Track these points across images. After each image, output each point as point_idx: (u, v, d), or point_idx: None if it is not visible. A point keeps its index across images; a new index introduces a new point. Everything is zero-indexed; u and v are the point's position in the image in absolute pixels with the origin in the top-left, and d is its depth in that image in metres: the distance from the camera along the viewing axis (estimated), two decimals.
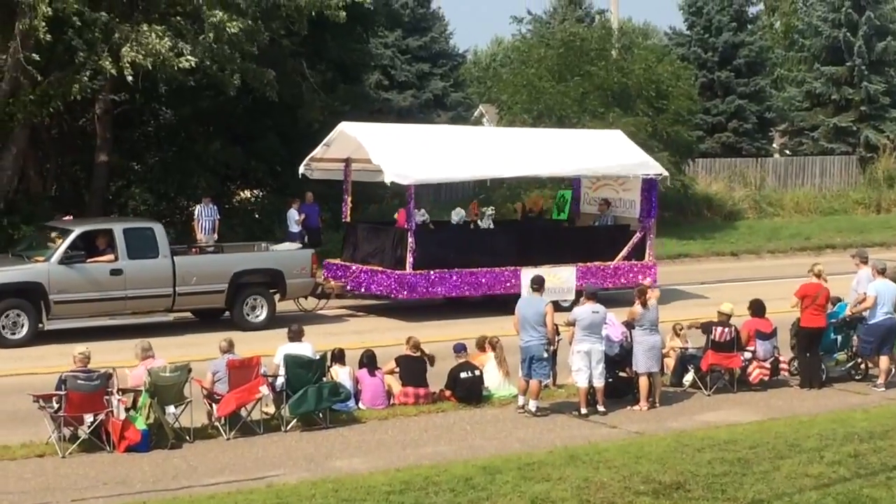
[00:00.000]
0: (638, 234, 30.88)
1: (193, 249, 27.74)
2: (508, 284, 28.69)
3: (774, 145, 65.40)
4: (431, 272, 27.94)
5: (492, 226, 30.76)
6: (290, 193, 33.17)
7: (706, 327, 21.18)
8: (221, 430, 17.67)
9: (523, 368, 19.32)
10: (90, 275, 24.81)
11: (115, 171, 37.19)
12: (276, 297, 26.99)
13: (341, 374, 19.27)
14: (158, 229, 26.01)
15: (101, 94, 33.59)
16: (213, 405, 17.87)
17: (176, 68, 29.09)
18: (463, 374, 19.85)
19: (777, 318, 21.97)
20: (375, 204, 39.25)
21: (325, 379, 18.59)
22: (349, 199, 31.00)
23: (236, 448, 17.16)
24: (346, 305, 29.58)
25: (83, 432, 16.89)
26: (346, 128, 29.59)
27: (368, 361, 19.71)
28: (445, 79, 61.75)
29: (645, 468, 15.66)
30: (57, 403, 16.71)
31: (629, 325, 20.20)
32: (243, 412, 17.96)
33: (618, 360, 20.18)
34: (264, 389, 18.03)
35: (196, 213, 32.43)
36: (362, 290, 28.94)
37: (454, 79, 63.24)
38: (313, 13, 32.07)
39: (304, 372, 18.29)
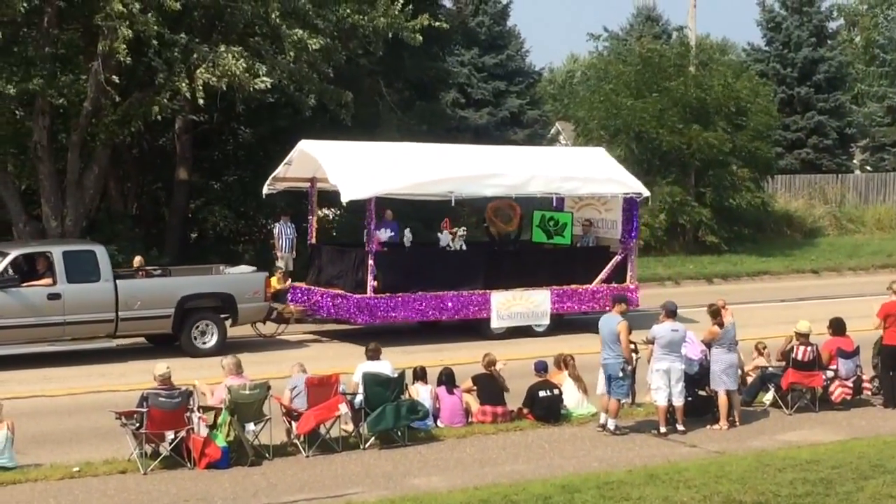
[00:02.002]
0: (618, 256, 29.67)
1: (140, 273, 26.58)
2: (477, 308, 27.77)
3: (855, 161, 64.86)
4: (393, 296, 26.88)
5: (463, 247, 29.36)
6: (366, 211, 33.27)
7: (786, 355, 20.94)
8: (300, 448, 17.74)
9: (605, 386, 19.32)
10: (26, 299, 23.86)
11: (195, 189, 37.57)
12: (228, 322, 26.11)
13: (422, 393, 19.29)
14: (100, 252, 24.97)
15: (181, 113, 33.97)
16: (293, 423, 17.96)
17: (251, 89, 29.30)
18: (542, 393, 19.78)
19: (859, 337, 21.74)
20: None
21: (403, 397, 18.63)
22: (314, 219, 30.39)
23: (315, 465, 17.23)
24: (313, 331, 28.73)
25: (164, 449, 17.01)
26: (305, 146, 28.57)
27: (447, 379, 19.70)
28: (522, 96, 61.79)
29: (725, 488, 15.53)
30: (138, 420, 16.88)
31: (707, 343, 20.05)
32: (322, 430, 18.01)
33: (697, 379, 20.03)
34: (343, 407, 18.08)
35: (276, 231, 32.62)
36: (323, 314, 27.93)
37: (530, 96, 63.27)
38: (390, 34, 32.20)
39: (383, 390, 18.32)
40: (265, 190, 30.02)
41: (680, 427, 19.26)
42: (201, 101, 29.19)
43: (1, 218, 33.11)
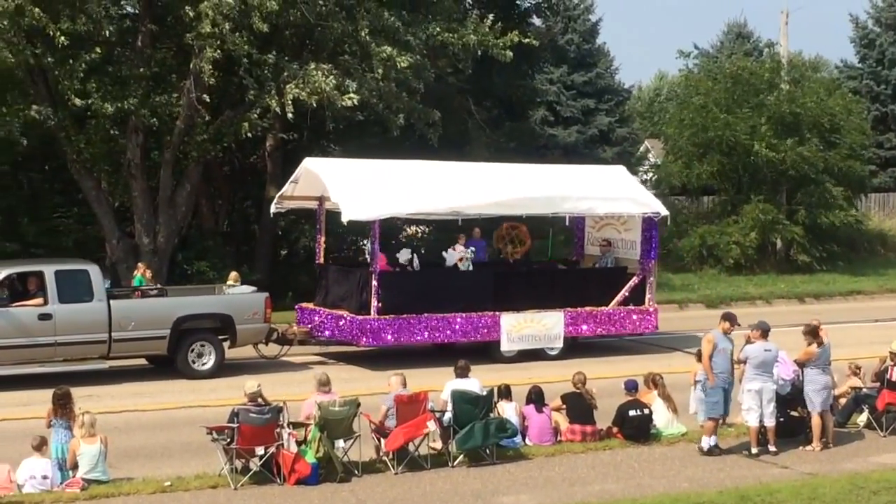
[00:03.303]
0: (636, 277, 28.55)
1: (136, 293, 26.09)
2: (486, 331, 26.90)
3: None
4: (397, 318, 26.04)
5: (470, 267, 28.31)
6: (455, 229, 33.30)
7: (880, 376, 20.65)
8: (389, 465, 17.76)
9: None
10: (15, 319, 23.32)
11: None
12: (227, 343, 25.45)
13: (507, 410, 19.24)
14: (94, 271, 24.40)
15: (271, 131, 34.25)
16: (382, 440, 17.99)
17: (339, 106, 29.42)
18: (631, 412, 19.63)
19: None
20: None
21: (491, 415, 18.59)
22: (322, 239, 29.46)
23: (404, 483, 17.23)
24: (318, 353, 28.05)
25: (254, 465, 17.12)
26: (309, 164, 27.84)
27: (536, 398, 19.62)
28: (611, 114, 61.60)
29: None
30: (229, 436, 16.99)
31: (801, 364, 19.79)
32: (411, 447, 18.03)
33: (789, 399, 19.78)
34: (431, 425, 18.11)
35: (366, 249, 32.71)
36: (327, 335, 27.24)
37: (620, 114, 63.04)
38: (479, 52, 32.22)
39: (472, 408, 18.30)
40: (272, 209, 29.47)
41: (772, 448, 19.03)
42: (290, 116, 29.35)
43: (94, 234, 33.60)
